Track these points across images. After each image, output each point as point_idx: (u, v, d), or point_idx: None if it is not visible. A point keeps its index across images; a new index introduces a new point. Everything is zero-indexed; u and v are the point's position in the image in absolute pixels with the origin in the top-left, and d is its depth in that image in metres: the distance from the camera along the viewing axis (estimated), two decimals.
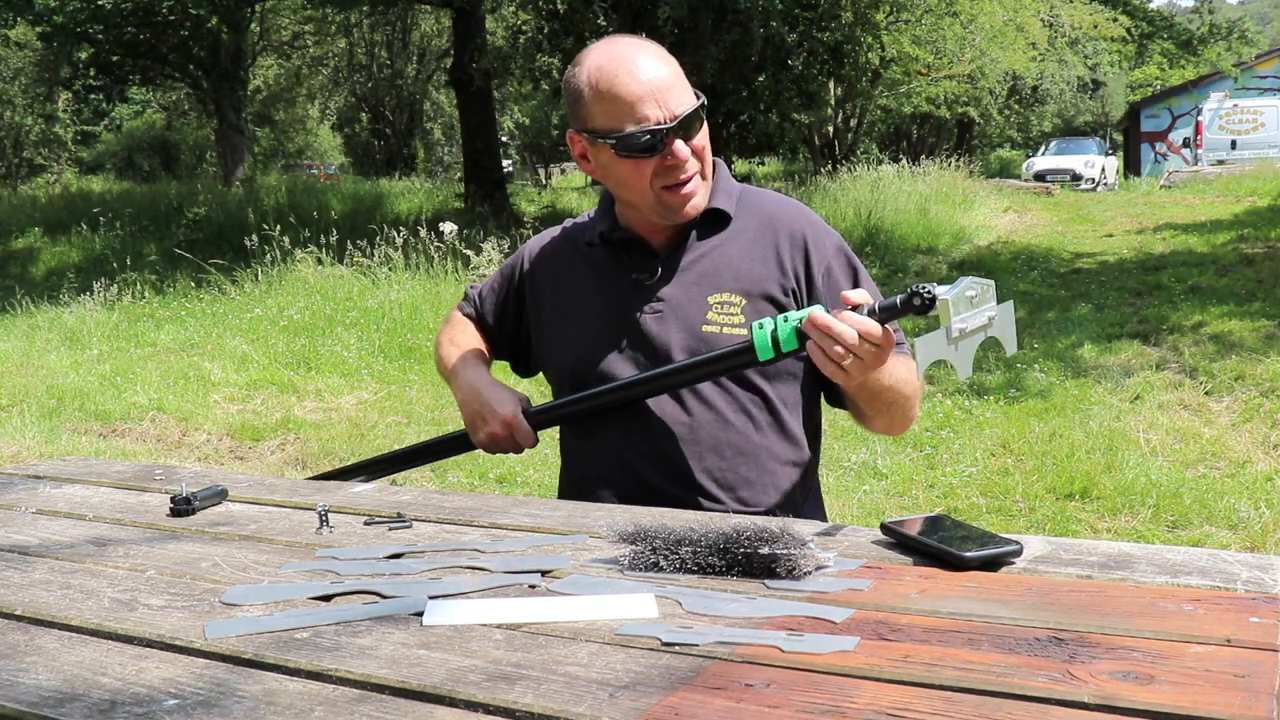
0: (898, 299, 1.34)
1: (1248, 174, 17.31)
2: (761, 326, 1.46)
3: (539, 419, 1.69)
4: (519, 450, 1.70)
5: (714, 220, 1.68)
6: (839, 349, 1.34)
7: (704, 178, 1.63)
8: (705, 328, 1.63)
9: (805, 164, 23.37)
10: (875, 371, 1.40)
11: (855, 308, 1.36)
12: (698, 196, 1.62)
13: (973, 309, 1.30)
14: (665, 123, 1.53)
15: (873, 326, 1.34)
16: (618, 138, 1.54)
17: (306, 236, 9.32)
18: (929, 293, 1.30)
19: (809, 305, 1.65)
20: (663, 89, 1.54)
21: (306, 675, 0.93)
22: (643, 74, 1.54)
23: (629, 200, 1.65)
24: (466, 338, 1.87)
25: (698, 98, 1.58)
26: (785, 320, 1.44)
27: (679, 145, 1.55)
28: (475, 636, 0.99)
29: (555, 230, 1.85)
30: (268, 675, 0.93)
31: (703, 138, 1.60)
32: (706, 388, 1.62)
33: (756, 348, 1.46)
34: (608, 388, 1.63)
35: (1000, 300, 1.34)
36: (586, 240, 1.75)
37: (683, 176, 1.58)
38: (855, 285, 1.67)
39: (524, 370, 1.89)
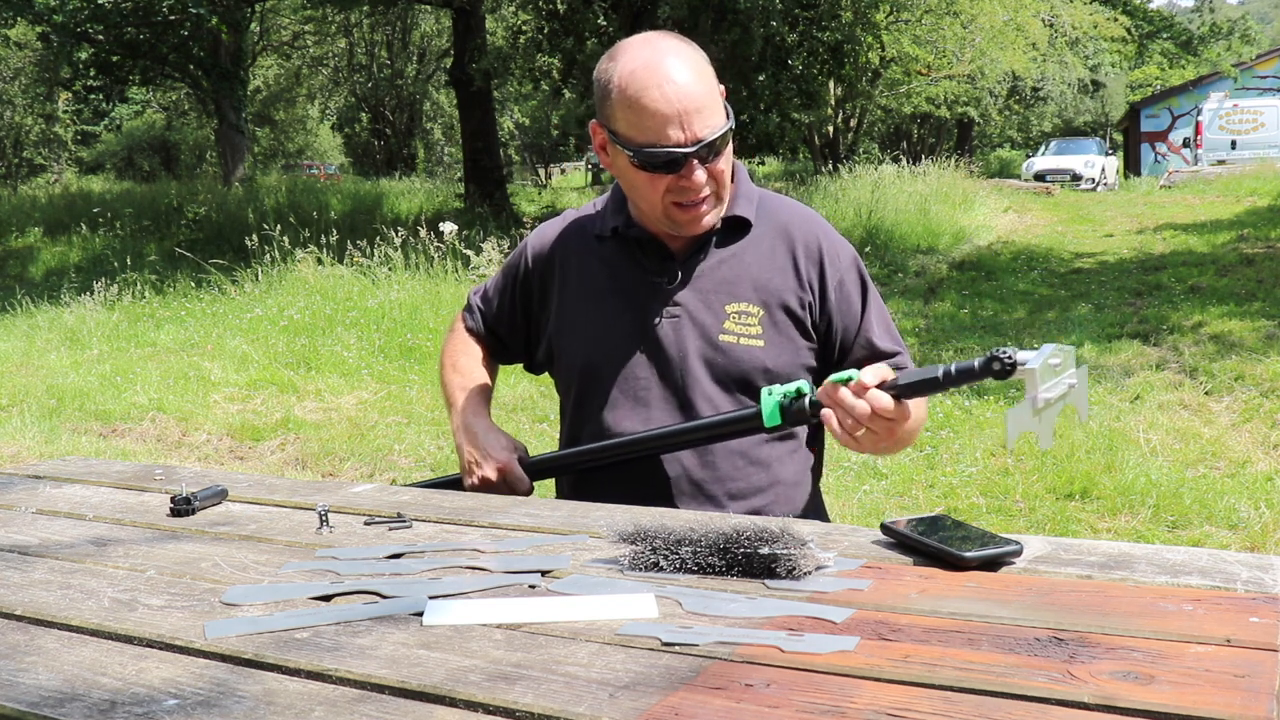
0: (976, 363, 1.28)
1: (1248, 174, 17.32)
2: (770, 393, 1.45)
3: (536, 469, 1.68)
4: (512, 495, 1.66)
5: (735, 227, 1.66)
6: (852, 422, 1.37)
7: (719, 199, 1.60)
8: (723, 337, 1.61)
9: (805, 164, 23.39)
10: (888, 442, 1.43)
11: (881, 384, 1.36)
12: (708, 216, 1.59)
13: (1055, 377, 1.24)
14: (686, 146, 1.49)
15: (885, 402, 1.34)
16: (635, 150, 1.51)
17: (306, 236, 9.31)
18: (1009, 358, 1.24)
19: (822, 317, 1.65)
20: (690, 110, 1.48)
21: (306, 675, 0.93)
22: (672, 90, 1.48)
23: (638, 205, 1.63)
24: (469, 361, 1.83)
25: (728, 117, 1.53)
26: (796, 390, 1.44)
27: (696, 171, 1.52)
28: (475, 636, 0.99)
29: (558, 221, 1.79)
30: (268, 675, 0.93)
31: (724, 160, 1.56)
32: (720, 397, 1.60)
33: (765, 415, 1.46)
34: (609, 445, 1.61)
35: (1077, 364, 1.28)
36: (597, 233, 1.71)
37: (694, 198, 1.55)
38: (864, 299, 1.68)
39: (535, 368, 1.85)
